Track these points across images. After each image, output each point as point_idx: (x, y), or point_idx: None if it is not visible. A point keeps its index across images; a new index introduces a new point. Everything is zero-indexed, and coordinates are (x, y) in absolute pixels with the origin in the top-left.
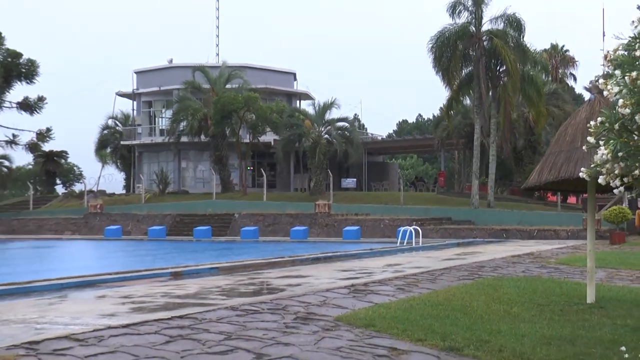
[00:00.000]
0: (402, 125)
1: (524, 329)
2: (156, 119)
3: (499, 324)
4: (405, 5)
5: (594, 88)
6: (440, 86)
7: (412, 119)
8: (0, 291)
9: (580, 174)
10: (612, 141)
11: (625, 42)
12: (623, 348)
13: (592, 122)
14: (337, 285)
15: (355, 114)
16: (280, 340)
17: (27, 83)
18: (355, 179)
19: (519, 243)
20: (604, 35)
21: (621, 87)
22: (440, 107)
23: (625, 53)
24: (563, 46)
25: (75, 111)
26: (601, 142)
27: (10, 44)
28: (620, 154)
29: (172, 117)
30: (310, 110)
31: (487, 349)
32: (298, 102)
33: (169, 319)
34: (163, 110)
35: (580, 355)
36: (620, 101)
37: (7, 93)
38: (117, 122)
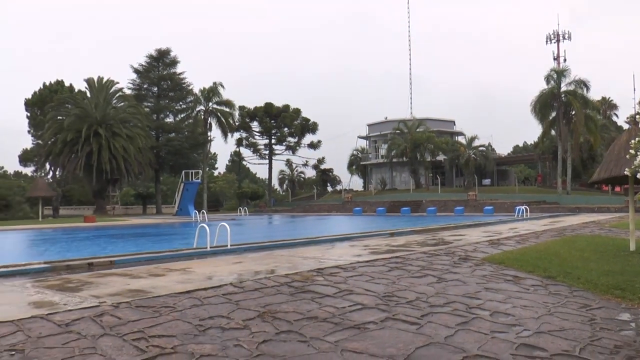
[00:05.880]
0: (516, 147)
1: (592, 266)
2: (378, 149)
3: (577, 263)
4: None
5: (631, 121)
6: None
7: (521, 144)
8: (302, 242)
9: (625, 172)
10: None
11: None
12: None
13: (632, 141)
14: (482, 240)
15: (489, 143)
16: (451, 270)
17: (312, 134)
18: (489, 179)
19: (586, 215)
20: (634, 90)
21: None
22: (538, 137)
23: None
24: (609, 97)
25: (336, 147)
26: (639, 153)
27: (304, 114)
28: None
29: (387, 149)
30: (463, 141)
31: (570, 277)
32: (457, 137)
33: (389, 257)
34: (382, 145)
35: (627, 282)
36: None
37: (302, 140)
38: (358, 152)
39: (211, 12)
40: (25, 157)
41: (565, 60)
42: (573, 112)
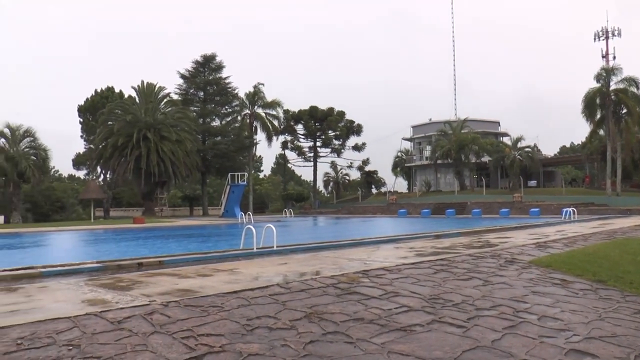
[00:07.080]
0: (562, 148)
1: None
2: (423, 151)
3: (629, 266)
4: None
5: None
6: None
7: (568, 144)
8: (348, 244)
9: None
10: None
11: None
12: None
13: None
14: (528, 242)
15: (535, 143)
16: (497, 273)
17: (357, 136)
18: (535, 181)
19: (638, 217)
20: None
21: None
22: (586, 137)
23: None
24: None
25: (380, 149)
26: None
27: (348, 116)
28: None
29: (431, 150)
30: (508, 142)
31: (622, 282)
32: (502, 138)
33: (435, 260)
34: (426, 147)
35: None
36: None
37: (347, 142)
38: (402, 154)
39: (254, 18)
40: (78, 161)
41: (614, 57)
42: (624, 111)
